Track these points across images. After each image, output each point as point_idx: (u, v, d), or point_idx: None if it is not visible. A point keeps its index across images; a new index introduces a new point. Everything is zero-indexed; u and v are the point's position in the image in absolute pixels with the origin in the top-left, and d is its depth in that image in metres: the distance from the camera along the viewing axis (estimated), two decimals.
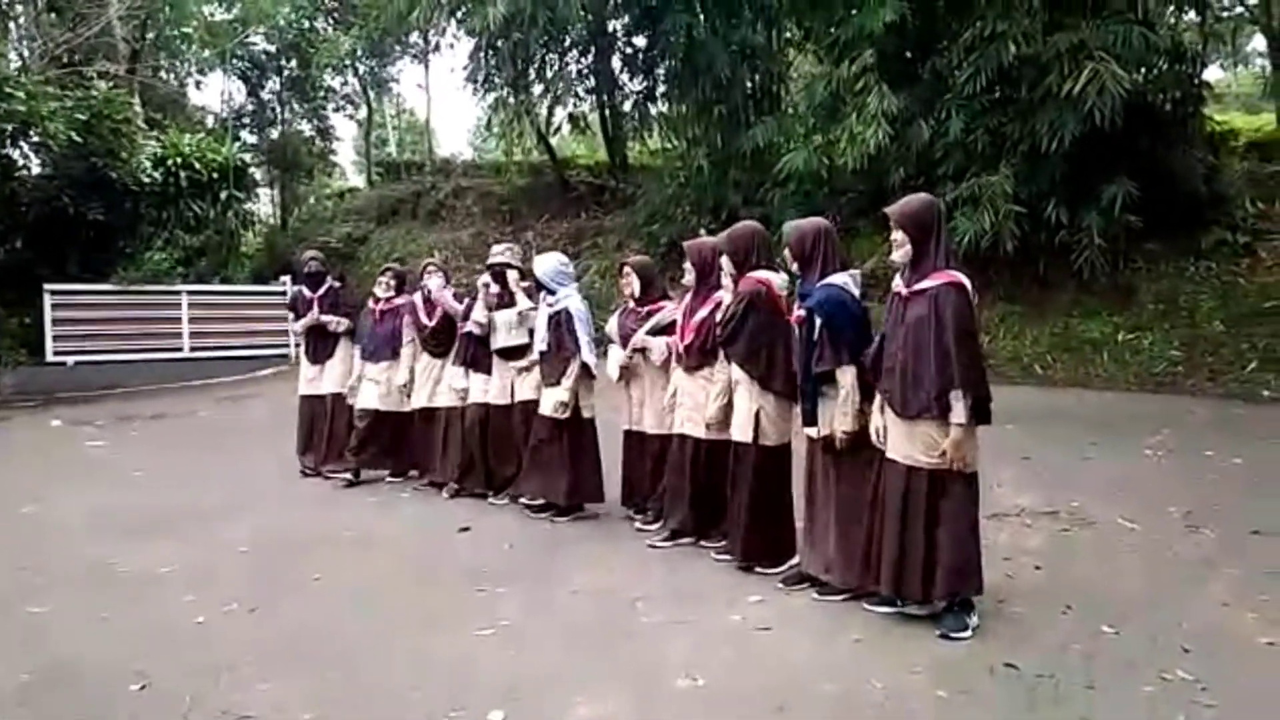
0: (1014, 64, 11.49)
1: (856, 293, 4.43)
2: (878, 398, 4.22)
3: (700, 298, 5.38)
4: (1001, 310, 12.76)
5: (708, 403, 5.18)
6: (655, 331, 5.72)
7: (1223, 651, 3.82)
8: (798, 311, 4.48)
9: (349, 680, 3.73)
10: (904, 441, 4.08)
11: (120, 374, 14.57)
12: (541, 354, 6.16)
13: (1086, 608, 4.31)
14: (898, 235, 4.09)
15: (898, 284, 4.17)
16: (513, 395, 6.55)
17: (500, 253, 6.75)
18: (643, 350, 5.75)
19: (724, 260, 5.05)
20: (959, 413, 3.89)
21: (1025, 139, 11.73)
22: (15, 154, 14.75)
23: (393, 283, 7.55)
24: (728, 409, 5.06)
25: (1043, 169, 11.69)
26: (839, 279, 4.42)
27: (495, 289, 6.63)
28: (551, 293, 6.17)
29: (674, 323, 5.59)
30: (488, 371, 6.70)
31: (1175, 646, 3.84)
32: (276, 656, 3.98)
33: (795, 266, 4.58)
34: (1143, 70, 11.98)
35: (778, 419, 4.87)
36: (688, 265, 5.49)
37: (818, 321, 4.33)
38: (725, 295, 5.13)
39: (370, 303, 7.62)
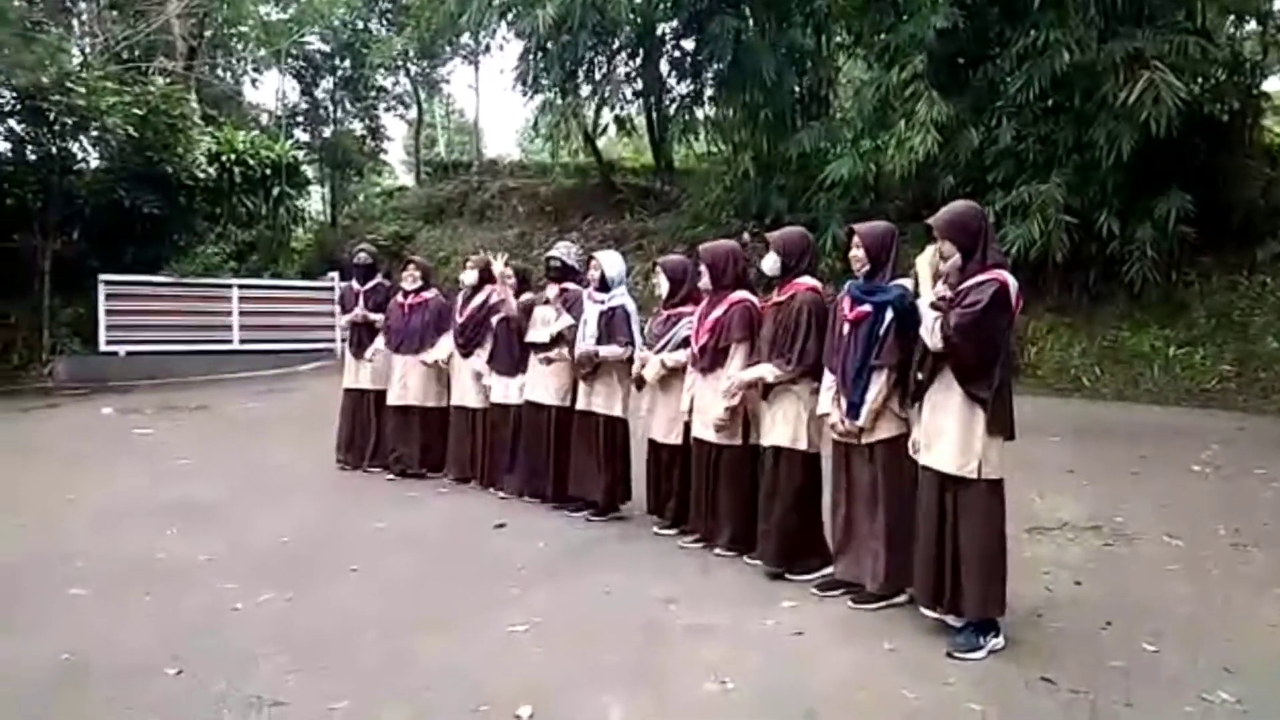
0: (1067, 72, 11.33)
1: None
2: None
3: (715, 300, 5.37)
4: (1050, 321, 12.57)
5: (717, 404, 5.19)
6: (674, 348, 5.69)
7: (1267, 673, 3.73)
8: (860, 308, 4.42)
9: (380, 671, 3.76)
10: (928, 445, 4.05)
11: (171, 364, 14.85)
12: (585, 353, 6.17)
13: (1127, 624, 4.23)
14: (945, 245, 3.98)
15: (941, 289, 4.09)
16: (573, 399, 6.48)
17: (566, 251, 6.77)
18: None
19: (768, 259, 5.03)
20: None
21: (1078, 148, 11.56)
22: (75, 147, 15.09)
23: (418, 274, 7.60)
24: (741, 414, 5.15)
25: (1095, 178, 11.52)
26: (908, 283, 4.40)
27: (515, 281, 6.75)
28: (605, 290, 6.21)
29: (688, 338, 5.59)
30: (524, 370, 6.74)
31: (1217, 667, 3.76)
32: (310, 646, 4.03)
33: (866, 267, 4.47)
34: (1199, 80, 11.75)
35: (818, 425, 4.87)
36: (702, 268, 5.46)
37: (888, 315, 4.29)
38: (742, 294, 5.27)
39: (399, 296, 7.67)
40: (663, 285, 5.89)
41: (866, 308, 4.39)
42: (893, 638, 4.07)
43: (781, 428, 4.90)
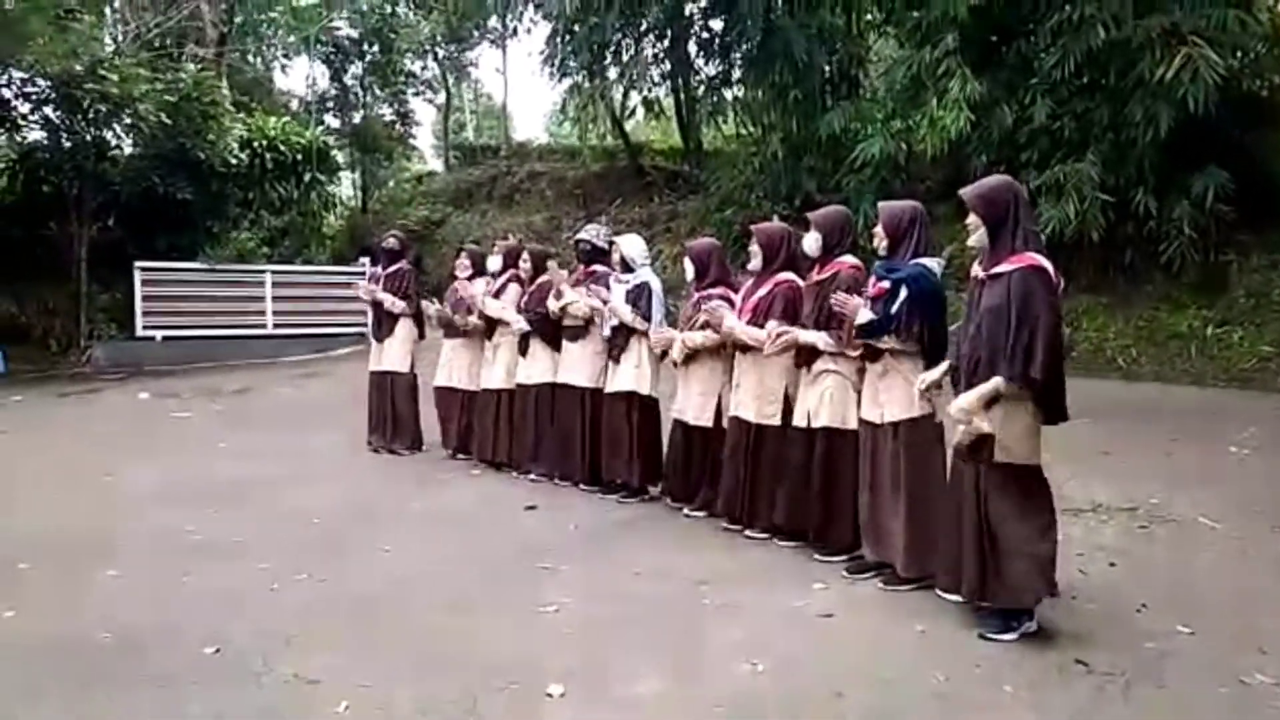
0: (1103, 48, 11.13)
1: (938, 277, 4.39)
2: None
3: (761, 280, 5.35)
4: (1085, 301, 12.41)
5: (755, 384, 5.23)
6: (699, 329, 5.69)
7: None
8: (880, 284, 4.38)
9: (412, 650, 3.80)
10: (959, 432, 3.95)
11: (206, 349, 15.04)
12: (614, 329, 6.20)
13: (1162, 606, 4.19)
14: (971, 218, 3.96)
15: (976, 269, 4.06)
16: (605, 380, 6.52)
17: (595, 234, 6.83)
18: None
19: (810, 237, 4.99)
20: (1004, 376, 3.72)
21: (1114, 126, 11.38)
22: (109, 135, 15.23)
23: (467, 263, 7.65)
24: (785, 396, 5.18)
25: (1131, 157, 11.32)
26: (930, 263, 4.38)
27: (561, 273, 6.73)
28: (630, 270, 6.24)
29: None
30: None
31: (1253, 649, 3.71)
32: (344, 625, 4.08)
33: (884, 245, 4.46)
34: (1238, 55, 11.49)
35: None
36: (754, 248, 5.42)
37: (902, 293, 4.24)
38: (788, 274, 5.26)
39: (455, 284, 7.73)
40: (689, 270, 5.87)
41: (885, 284, 4.36)
42: (923, 619, 4.05)
43: (829, 409, 4.86)
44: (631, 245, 6.39)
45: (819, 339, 4.83)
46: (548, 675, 3.50)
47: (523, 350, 6.93)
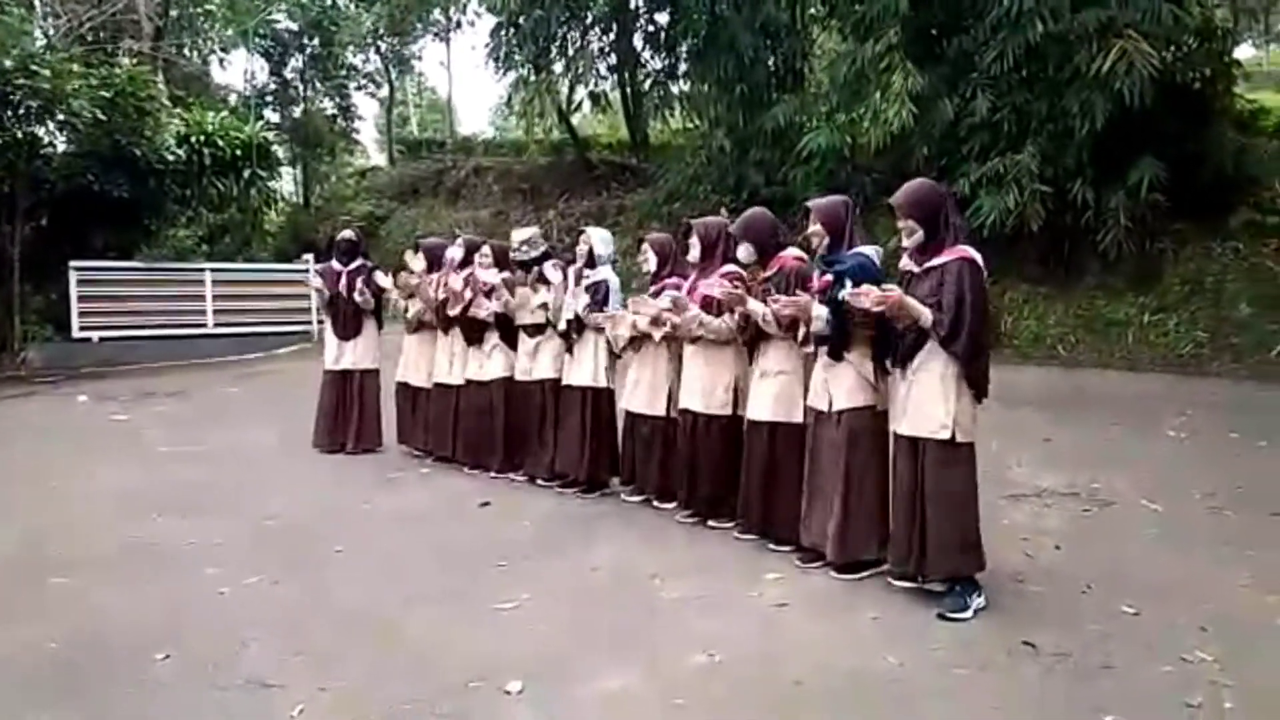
0: (1041, 42, 11.36)
1: (879, 265, 4.46)
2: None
3: (706, 271, 5.39)
4: (1025, 291, 12.68)
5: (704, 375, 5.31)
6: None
7: (1242, 633, 3.79)
8: (824, 278, 4.45)
9: (370, 652, 3.77)
10: (905, 413, 4.12)
11: (145, 350, 14.73)
12: (569, 321, 6.19)
13: (1106, 588, 4.30)
14: (908, 223, 4.11)
15: (906, 263, 4.22)
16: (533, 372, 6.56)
17: (528, 242, 6.77)
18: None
19: (742, 247, 5.06)
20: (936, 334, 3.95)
21: (1052, 118, 11.61)
22: (41, 131, 14.81)
23: (421, 256, 7.56)
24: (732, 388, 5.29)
25: (1069, 148, 11.58)
26: (869, 250, 4.46)
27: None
28: (592, 266, 6.23)
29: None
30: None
31: (1194, 627, 3.83)
32: (297, 628, 4.03)
33: (826, 242, 4.52)
34: (1172, 48, 11.80)
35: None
36: (694, 241, 5.46)
37: (847, 285, 4.27)
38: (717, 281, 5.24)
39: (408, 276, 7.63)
40: (650, 261, 5.87)
41: (829, 277, 4.43)
42: (876, 607, 4.11)
43: (775, 403, 4.90)
44: (600, 239, 6.34)
45: (758, 309, 4.85)
46: (507, 672, 3.49)
47: (474, 341, 6.88)
